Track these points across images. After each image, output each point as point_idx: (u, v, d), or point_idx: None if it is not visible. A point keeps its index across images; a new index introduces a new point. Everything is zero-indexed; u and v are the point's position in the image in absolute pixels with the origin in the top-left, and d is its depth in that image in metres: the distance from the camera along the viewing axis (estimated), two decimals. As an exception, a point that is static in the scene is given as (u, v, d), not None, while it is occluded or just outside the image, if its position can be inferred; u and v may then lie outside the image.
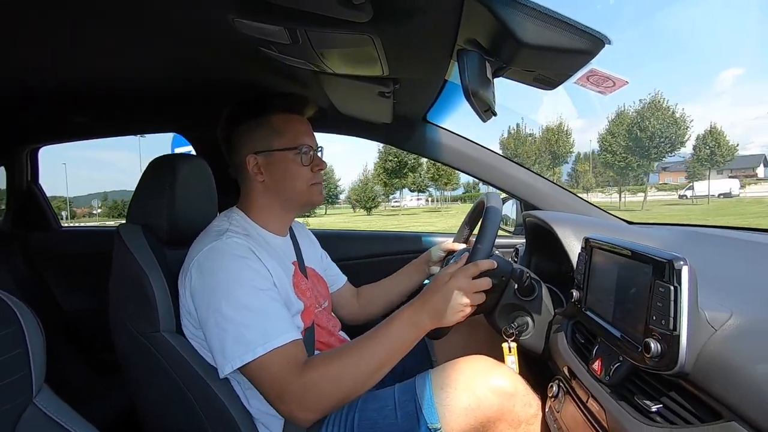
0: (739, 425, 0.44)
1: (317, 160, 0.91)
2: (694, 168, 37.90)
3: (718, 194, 37.22)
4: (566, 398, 0.79)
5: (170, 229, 0.91)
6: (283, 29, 0.68)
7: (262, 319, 0.74)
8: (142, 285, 0.83)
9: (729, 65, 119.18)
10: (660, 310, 0.55)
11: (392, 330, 0.77)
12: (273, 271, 0.81)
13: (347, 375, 0.74)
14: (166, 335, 0.82)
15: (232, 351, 0.73)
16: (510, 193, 1.41)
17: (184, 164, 0.94)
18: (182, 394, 0.82)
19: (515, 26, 0.56)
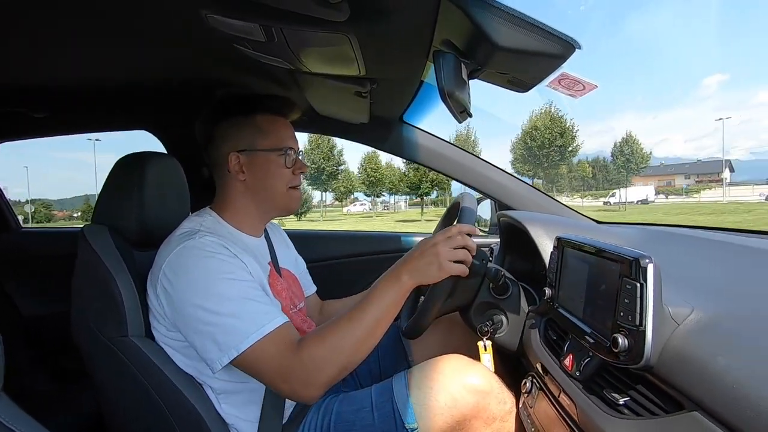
0: (700, 415, 0.47)
1: (299, 163, 0.90)
2: (619, 175, 39.80)
3: (637, 201, 40.61)
4: (539, 394, 0.81)
5: (139, 230, 0.88)
6: (258, 26, 0.67)
7: (249, 307, 0.73)
8: (108, 288, 0.80)
9: (714, 71, 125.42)
10: (627, 306, 0.57)
11: (378, 294, 0.78)
12: (249, 265, 0.79)
13: (344, 344, 0.74)
14: (135, 339, 0.79)
15: (226, 342, 0.71)
16: (485, 193, 1.43)
17: (154, 163, 0.91)
18: (152, 399, 0.79)
19: (490, 29, 0.58)
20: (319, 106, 1.29)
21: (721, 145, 37.03)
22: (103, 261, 0.81)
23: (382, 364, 1.09)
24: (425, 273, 0.78)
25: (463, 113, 0.76)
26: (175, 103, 1.27)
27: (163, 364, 0.79)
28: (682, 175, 61.93)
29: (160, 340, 0.81)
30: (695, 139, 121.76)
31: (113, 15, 0.69)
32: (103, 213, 0.90)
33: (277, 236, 1.06)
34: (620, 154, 39.03)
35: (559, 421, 0.71)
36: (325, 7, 0.58)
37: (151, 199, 0.89)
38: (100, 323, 0.81)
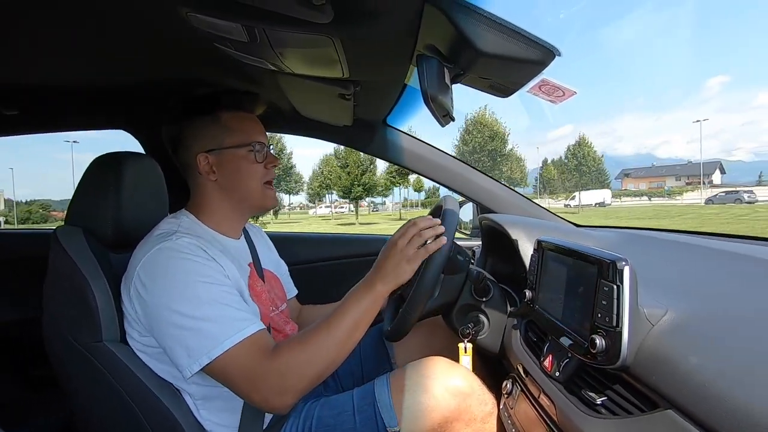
0: (674, 413, 0.48)
1: (271, 157, 0.89)
2: (577, 178, 40.91)
3: (595, 203, 42.24)
4: (520, 395, 0.82)
5: (115, 232, 0.86)
6: (240, 26, 0.67)
7: (224, 312, 0.72)
8: (83, 292, 0.77)
9: (716, 73, 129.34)
10: (604, 307, 0.58)
11: (352, 303, 0.78)
12: (227, 268, 0.78)
13: (319, 352, 0.73)
14: (110, 345, 0.77)
15: (198, 348, 0.69)
16: (467, 197, 1.45)
17: (131, 163, 0.89)
18: (128, 407, 0.77)
19: (473, 35, 0.58)
20: (302, 107, 1.28)
21: (722, 146, 38.79)
22: (77, 264, 0.78)
23: (365, 367, 1.09)
24: (397, 274, 0.79)
25: (446, 117, 0.76)
26: (154, 103, 1.24)
27: (138, 370, 0.77)
28: (672, 177, 62.33)
29: (135, 346, 0.79)
30: (698, 140, 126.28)
31: (90, 11, 0.67)
32: (78, 214, 0.87)
33: (259, 238, 1.04)
34: (573, 157, 39.90)
35: (538, 421, 0.72)
36: (308, 8, 0.58)
37: (128, 200, 0.86)
38: (73, 329, 0.79)
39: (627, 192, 54.61)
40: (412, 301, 0.85)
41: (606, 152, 56.04)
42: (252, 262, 0.92)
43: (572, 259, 0.70)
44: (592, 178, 42.91)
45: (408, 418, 0.80)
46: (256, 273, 0.91)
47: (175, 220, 0.83)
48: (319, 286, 1.20)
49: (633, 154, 47.55)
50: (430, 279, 0.82)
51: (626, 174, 65.62)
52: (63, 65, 0.93)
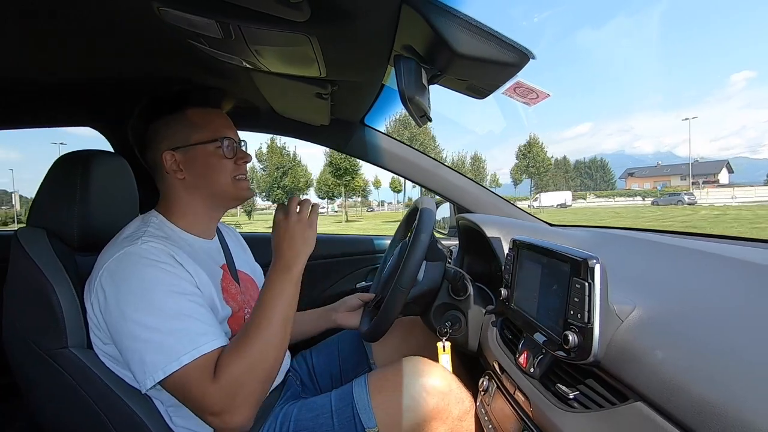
0: (642, 405, 0.50)
1: (241, 153, 0.87)
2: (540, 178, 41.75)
3: (557, 205, 43.67)
4: (496, 392, 0.84)
5: (82, 234, 0.82)
6: (215, 23, 0.65)
7: (186, 325, 0.69)
8: (46, 297, 0.74)
9: (742, 68, 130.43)
10: (577, 304, 0.60)
11: (276, 292, 0.75)
12: (196, 275, 0.75)
13: (260, 356, 0.70)
14: (75, 351, 0.74)
15: (155, 362, 0.66)
16: (444, 197, 1.46)
17: (99, 162, 0.85)
18: (96, 415, 0.74)
19: (449, 36, 0.59)
20: (279, 106, 1.26)
21: (748, 144, 39.23)
22: (40, 267, 0.75)
23: (343, 367, 1.09)
24: (303, 245, 0.77)
25: (423, 117, 0.77)
26: (124, 100, 1.20)
27: (106, 377, 0.74)
28: (678, 176, 60.45)
29: (100, 352, 0.76)
30: (722, 137, 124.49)
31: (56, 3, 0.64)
32: (41, 215, 0.83)
33: (233, 239, 1.02)
34: (523, 158, 40.45)
35: (514, 417, 0.74)
36: (285, 6, 0.57)
37: (96, 200, 0.83)
38: (36, 335, 0.75)
39: (630, 191, 52.86)
40: (389, 302, 0.85)
41: (624, 150, 56.20)
42: (225, 264, 0.90)
43: (546, 257, 0.72)
44: (597, 178, 43.27)
45: (386, 418, 0.80)
46: (230, 275, 0.89)
47: (143, 221, 0.81)
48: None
49: (653, 153, 47.20)
50: (412, 266, 0.82)
51: (630, 173, 63.98)
52: (25, 58, 0.89)
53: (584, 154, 48.34)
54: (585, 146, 78.48)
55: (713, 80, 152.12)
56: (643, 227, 1.32)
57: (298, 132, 1.45)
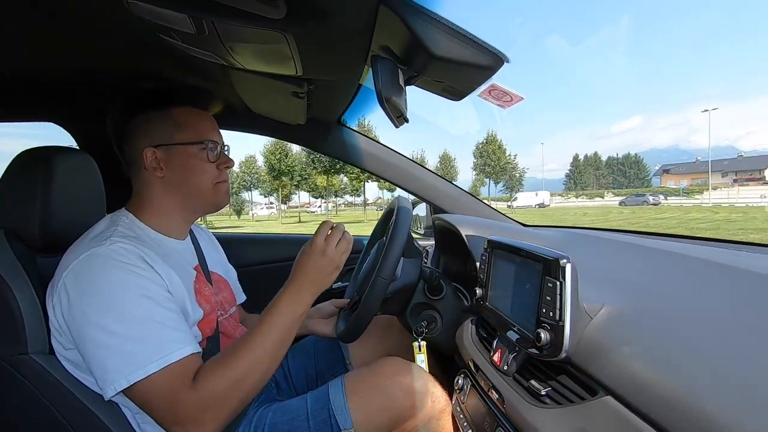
0: (611, 399, 0.52)
1: (224, 158, 0.85)
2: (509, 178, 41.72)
3: (536, 204, 44.79)
4: (471, 390, 0.85)
5: (44, 234, 0.78)
6: (187, 17, 0.63)
7: (156, 332, 0.66)
8: (4, 300, 0.70)
9: None
10: (548, 303, 0.61)
11: (279, 316, 0.74)
12: (167, 277, 0.72)
13: (245, 375, 0.69)
14: (36, 357, 0.70)
15: (117, 369, 0.64)
16: (420, 197, 1.47)
17: (62, 159, 0.81)
18: (59, 425, 0.71)
19: (426, 38, 0.59)
20: (254, 105, 1.24)
21: None
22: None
23: (319, 368, 1.08)
24: (324, 281, 0.79)
25: (400, 118, 0.77)
26: (90, 95, 1.15)
27: (70, 384, 0.71)
28: (719, 173, 54.40)
29: (62, 357, 0.72)
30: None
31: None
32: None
33: (205, 239, 1.00)
34: (480, 156, 40.26)
35: (488, 414, 0.75)
36: (260, 2, 0.56)
37: (58, 199, 0.80)
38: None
39: (664, 189, 49.24)
40: (365, 303, 0.85)
41: (678, 145, 52.67)
42: (198, 265, 0.87)
43: (520, 257, 0.74)
44: (631, 175, 42.57)
45: (363, 419, 0.80)
46: (204, 276, 0.87)
47: (111, 221, 0.78)
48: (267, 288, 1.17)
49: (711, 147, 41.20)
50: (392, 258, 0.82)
51: (666, 170, 59.04)
52: None
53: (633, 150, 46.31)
54: (633, 142, 71.94)
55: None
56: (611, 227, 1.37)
57: (273, 131, 1.43)
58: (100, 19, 0.71)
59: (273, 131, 1.43)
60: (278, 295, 0.77)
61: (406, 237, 0.85)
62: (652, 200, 38.38)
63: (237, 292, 1.04)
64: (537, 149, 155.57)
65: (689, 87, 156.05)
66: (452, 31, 0.60)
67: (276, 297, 0.77)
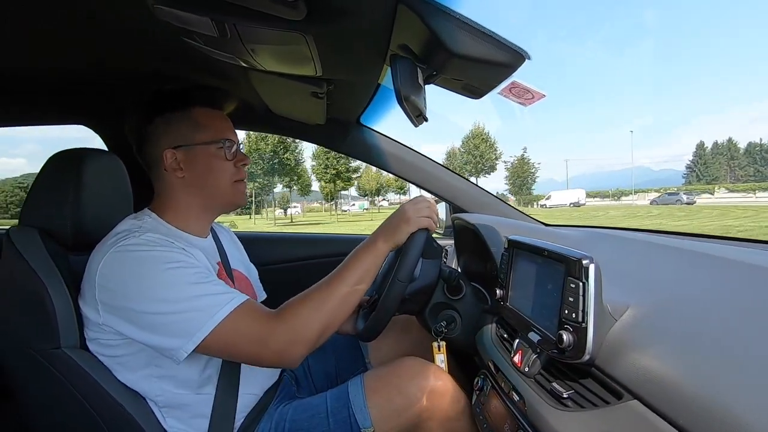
0: (637, 403, 0.50)
1: (241, 156, 0.87)
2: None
3: (569, 203, 43.05)
4: (491, 391, 0.84)
5: (75, 233, 0.81)
6: (210, 21, 0.65)
7: (208, 289, 0.70)
8: (39, 297, 0.73)
9: None
10: (571, 304, 0.60)
11: (355, 260, 0.81)
12: (198, 258, 0.77)
13: (325, 304, 0.75)
14: (69, 351, 0.73)
15: (189, 328, 0.67)
16: (440, 196, 1.47)
17: (92, 160, 0.84)
18: (89, 417, 0.74)
19: (445, 36, 0.59)
20: (275, 105, 1.26)
21: None
22: (33, 267, 0.74)
23: (339, 367, 1.08)
24: (396, 233, 0.83)
25: (419, 117, 0.77)
26: (118, 97, 1.19)
27: (100, 377, 0.73)
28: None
29: (97, 352, 0.75)
30: None
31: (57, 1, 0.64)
32: (33, 214, 0.82)
33: (226, 237, 1.02)
34: (465, 153, 38.08)
35: (509, 416, 0.74)
36: (281, 4, 0.57)
37: (89, 199, 0.82)
38: (28, 335, 0.74)
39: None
40: (384, 301, 0.85)
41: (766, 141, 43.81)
42: (220, 261, 0.89)
43: (541, 257, 0.72)
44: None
45: (382, 419, 0.80)
46: (225, 272, 0.89)
47: (136, 219, 0.80)
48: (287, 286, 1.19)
49: None
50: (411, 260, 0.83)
51: None
52: (19, 54, 0.88)
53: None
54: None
55: None
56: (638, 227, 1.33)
57: (293, 131, 1.45)
58: (126, 24, 0.73)
59: (292, 131, 1.45)
60: (359, 245, 0.85)
61: (424, 239, 0.85)
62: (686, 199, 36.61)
63: (258, 289, 1.06)
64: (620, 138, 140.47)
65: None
66: (471, 28, 0.59)
67: (358, 246, 0.85)
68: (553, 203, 42.21)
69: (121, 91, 1.15)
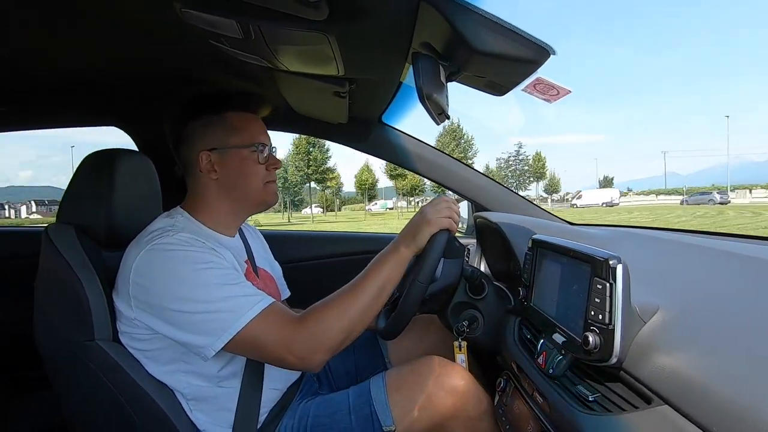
0: (668, 409, 0.49)
1: (273, 159, 0.89)
2: None
3: (602, 203, 41.01)
4: (514, 392, 0.83)
5: (108, 230, 0.85)
6: (235, 23, 0.66)
7: (237, 290, 0.73)
8: (74, 291, 0.76)
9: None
10: (597, 305, 0.58)
11: (378, 266, 0.81)
12: (227, 258, 0.79)
13: (348, 310, 0.75)
14: (101, 344, 0.76)
15: (219, 326, 0.70)
16: (462, 195, 1.45)
17: (124, 160, 0.88)
18: (121, 407, 0.77)
19: (468, 33, 0.58)
20: (297, 105, 1.27)
21: None
22: (69, 262, 0.78)
23: (359, 365, 1.09)
24: (417, 236, 0.82)
25: (441, 115, 0.76)
26: (147, 99, 1.23)
27: (131, 369, 0.76)
28: None
29: (128, 345, 0.78)
30: None
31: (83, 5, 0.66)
32: (70, 212, 0.86)
33: (254, 236, 1.04)
34: (445, 146, 37.44)
35: (532, 418, 0.73)
36: (303, 5, 0.57)
37: (122, 198, 0.86)
38: (65, 328, 0.78)
39: None
40: (406, 300, 0.85)
41: None
42: (248, 259, 0.91)
43: (566, 257, 0.71)
44: None
45: (404, 418, 0.80)
46: (252, 271, 0.91)
47: (169, 218, 0.83)
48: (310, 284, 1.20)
49: None
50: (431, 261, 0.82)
51: None
52: (55, 60, 0.92)
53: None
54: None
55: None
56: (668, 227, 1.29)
57: (316, 130, 1.46)
58: (156, 28, 0.75)
59: (315, 131, 1.46)
60: (382, 251, 0.84)
61: (445, 240, 0.84)
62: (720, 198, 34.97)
63: (282, 287, 1.08)
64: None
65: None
66: (495, 24, 0.58)
67: (381, 253, 0.84)
68: (584, 203, 40.70)
69: (151, 94, 1.18)
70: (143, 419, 0.77)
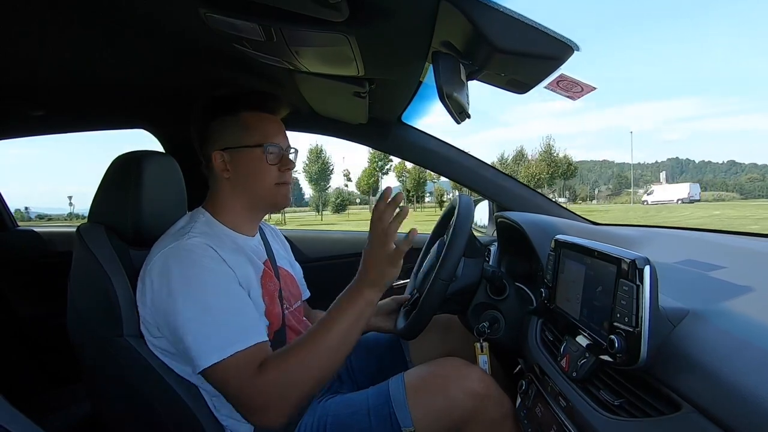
0: (698, 416, 0.47)
1: (285, 160, 0.88)
2: None
3: (677, 200, 36.90)
4: (536, 395, 0.81)
5: (135, 229, 0.88)
6: (257, 26, 0.67)
7: (231, 318, 0.72)
8: (104, 287, 0.79)
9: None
10: (623, 307, 0.57)
11: (341, 311, 0.76)
12: (238, 270, 0.78)
13: (306, 369, 0.71)
14: (130, 339, 0.79)
15: (198, 351, 0.70)
16: (483, 195, 1.44)
17: (151, 162, 0.90)
18: (147, 402, 0.79)
19: (488, 31, 0.58)
20: (318, 106, 1.29)
21: None
22: (99, 260, 0.81)
23: (380, 365, 1.09)
24: (383, 278, 0.76)
25: (462, 114, 0.76)
26: (173, 102, 1.27)
27: (157, 366, 0.78)
28: None
29: (151, 344, 0.80)
30: None
31: (112, 12, 0.69)
32: (100, 212, 0.89)
33: (273, 236, 1.05)
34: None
35: (555, 422, 0.71)
36: (324, 6, 0.58)
37: (148, 199, 0.88)
38: (95, 323, 0.81)
39: None
40: (426, 300, 0.85)
41: None
42: (267, 260, 0.93)
43: (590, 258, 0.69)
44: None
45: (423, 419, 0.80)
46: (272, 271, 0.92)
47: (190, 218, 0.85)
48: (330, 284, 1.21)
49: None
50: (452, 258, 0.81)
51: None
52: (87, 64, 0.95)
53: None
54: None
55: None
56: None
57: (336, 131, 1.47)
58: (181, 32, 0.77)
59: (336, 131, 1.47)
60: (343, 295, 0.79)
61: (466, 237, 0.83)
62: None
63: (302, 287, 1.09)
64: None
65: None
66: (516, 21, 0.57)
67: (341, 296, 0.79)
68: (656, 199, 36.67)
69: (177, 98, 1.22)
70: (169, 414, 0.79)
